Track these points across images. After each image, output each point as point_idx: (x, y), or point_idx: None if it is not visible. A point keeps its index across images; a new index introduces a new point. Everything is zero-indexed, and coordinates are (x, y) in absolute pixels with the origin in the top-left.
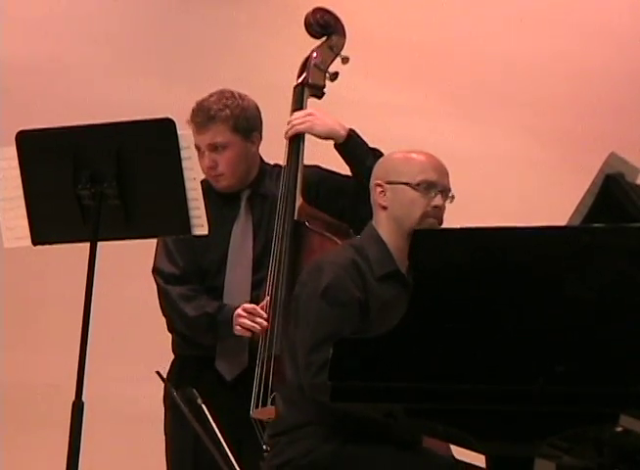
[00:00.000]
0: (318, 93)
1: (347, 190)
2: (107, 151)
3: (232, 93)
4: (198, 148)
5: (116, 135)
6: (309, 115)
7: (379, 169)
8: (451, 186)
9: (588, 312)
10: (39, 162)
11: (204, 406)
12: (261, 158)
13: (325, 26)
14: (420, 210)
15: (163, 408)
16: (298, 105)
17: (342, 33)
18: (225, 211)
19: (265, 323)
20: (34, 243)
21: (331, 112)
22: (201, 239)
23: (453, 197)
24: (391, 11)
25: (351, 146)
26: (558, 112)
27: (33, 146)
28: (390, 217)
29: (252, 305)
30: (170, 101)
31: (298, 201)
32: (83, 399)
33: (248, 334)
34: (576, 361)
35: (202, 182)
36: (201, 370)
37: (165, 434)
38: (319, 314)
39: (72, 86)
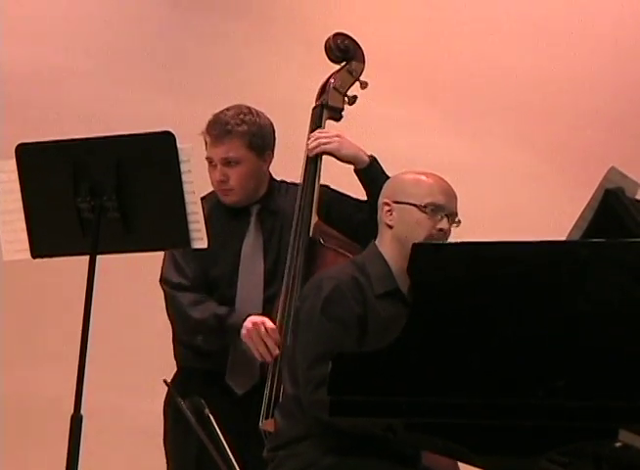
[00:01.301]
0: (336, 115)
1: (358, 212)
2: (106, 164)
3: (249, 109)
4: (210, 160)
5: (116, 148)
6: (337, 136)
7: (388, 189)
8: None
9: (587, 327)
10: (39, 174)
11: (211, 417)
12: (271, 174)
13: (345, 51)
14: (425, 231)
15: (163, 419)
16: (316, 126)
17: (362, 59)
18: (234, 225)
19: (276, 352)
20: (34, 256)
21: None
22: (209, 252)
23: (459, 222)
24: (386, 25)
25: (372, 172)
26: (555, 124)
27: (33, 159)
28: (395, 237)
29: (262, 320)
30: (171, 114)
31: (314, 219)
32: (82, 412)
33: (252, 343)
34: (576, 376)
35: (210, 195)
36: (206, 383)
37: (166, 444)
38: (319, 330)
39: (72, 99)
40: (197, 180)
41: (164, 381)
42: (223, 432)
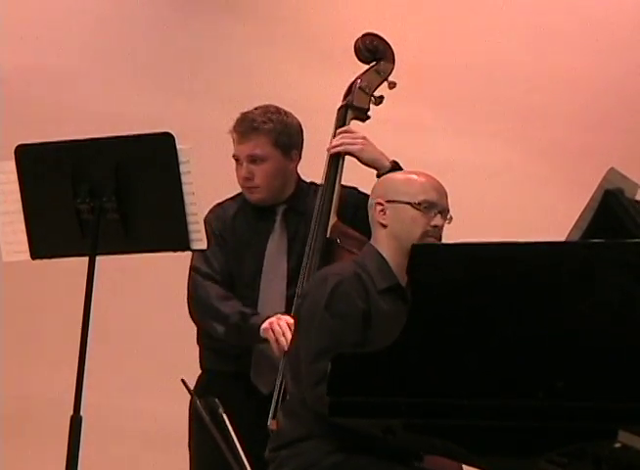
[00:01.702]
0: (362, 116)
1: None
2: (106, 165)
3: (277, 108)
4: (236, 158)
5: (116, 149)
6: (363, 138)
7: (379, 188)
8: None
9: (587, 328)
10: (38, 176)
11: (225, 416)
12: (299, 175)
13: (374, 51)
14: (420, 228)
15: (188, 421)
16: (341, 125)
17: (391, 59)
18: (260, 224)
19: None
20: (33, 257)
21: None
22: (234, 250)
23: (451, 218)
24: (389, 26)
25: None
26: (553, 125)
27: (32, 160)
28: (390, 235)
29: (282, 316)
30: (170, 115)
31: (333, 219)
32: (82, 413)
33: (272, 336)
34: (575, 376)
35: (237, 196)
36: (230, 385)
37: (189, 446)
38: (322, 325)
39: (72, 100)
40: (196, 181)
41: (182, 380)
42: (238, 431)
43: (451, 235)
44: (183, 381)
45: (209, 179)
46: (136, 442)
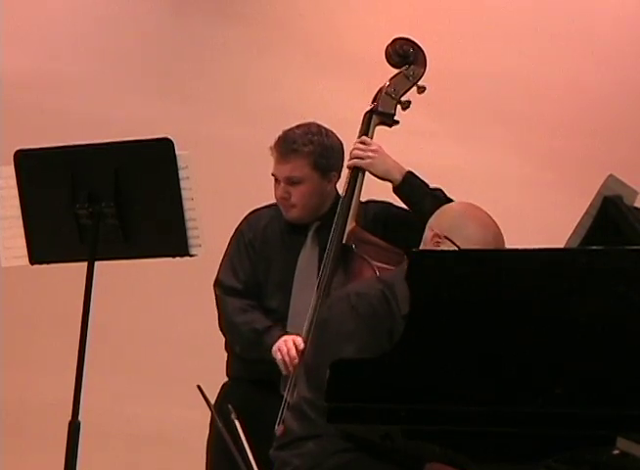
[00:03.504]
0: (388, 121)
1: (414, 225)
2: (105, 170)
3: (319, 128)
4: (275, 177)
5: (115, 155)
6: (373, 151)
7: (443, 219)
8: None
9: (587, 334)
10: (37, 181)
11: (236, 422)
12: (337, 192)
13: (404, 56)
14: None
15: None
16: (365, 131)
17: (422, 63)
18: (292, 237)
19: (291, 369)
20: (32, 262)
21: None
22: (263, 260)
23: None
24: (386, 30)
25: (406, 190)
26: (552, 131)
27: (31, 165)
28: None
29: (294, 338)
30: (170, 120)
31: (350, 224)
32: (80, 418)
33: (279, 357)
34: (575, 384)
35: (274, 204)
36: (255, 392)
37: (208, 451)
38: (353, 339)
39: (70, 104)
40: (195, 186)
41: (198, 387)
42: (251, 439)
43: None
44: (199, 387)
45: (208, 184)
46: (134, 447)
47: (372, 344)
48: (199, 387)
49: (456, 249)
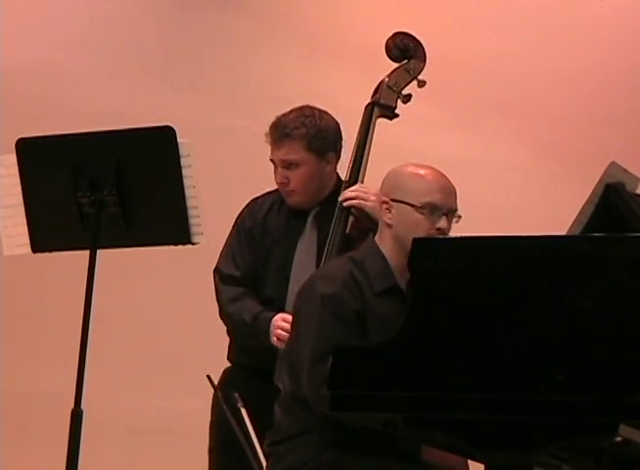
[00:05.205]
0: (389, 114)
1: None
2: (107, 159)
3: (312, 111)
4: (273, 162)
5: (117, 143)
6: (361, 191)
7: (387, 184)
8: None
9: (588, 322)
10: (39, 169)
11: (242, 410)
12: (338, 175)
13: (404, 50)
14: (423, 232)
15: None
16: (366, 123)
17: (422, 58)
18: (292, 223)
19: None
20: (34, 250)
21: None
22: (263, 247)
23: (460, 217)
24: (389, 22)
25: None
26: (555, 120)
27: (33, 154)
28: (394, 236)
29: (284, 319)
30: (171, 109)
31: (353, 216)
32: (83, 407)
33: (282, 346)
34: (576, 370)
35: (276, 191)
36: (254, 380)
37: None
38: (321, 327)
39: (72, 93)
40: (197, 175)
41: (208, 376)
42: (257, 426)
43: (456, 230)
44: (208, 377)
45: (210, 173)
46: (137, 435)
47: (339, 330)
48: (208, 377)
49: (409, 207)
